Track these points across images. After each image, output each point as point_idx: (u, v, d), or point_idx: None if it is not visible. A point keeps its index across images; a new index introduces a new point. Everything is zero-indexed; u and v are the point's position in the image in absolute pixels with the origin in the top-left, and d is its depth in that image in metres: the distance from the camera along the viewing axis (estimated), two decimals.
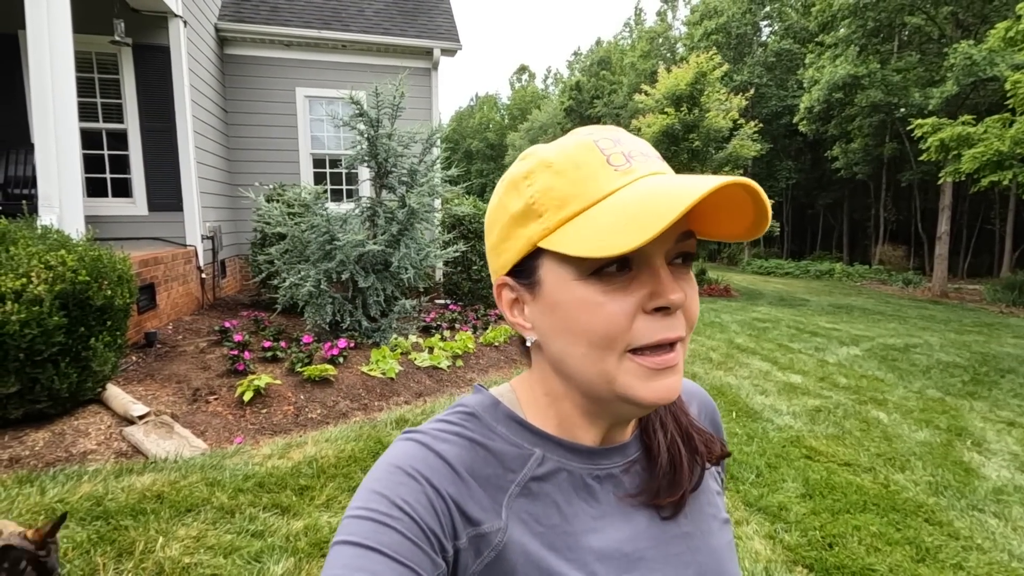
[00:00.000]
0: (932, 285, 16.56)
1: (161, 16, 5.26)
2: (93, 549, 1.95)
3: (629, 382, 0.46)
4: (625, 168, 0.45)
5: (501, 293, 0.53)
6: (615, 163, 0.46)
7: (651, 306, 0.45)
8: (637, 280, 0.45)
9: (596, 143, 0.47)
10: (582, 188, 0.45)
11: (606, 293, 0.45)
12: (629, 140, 0.48)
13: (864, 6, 17.34)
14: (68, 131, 3.56)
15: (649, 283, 0.45)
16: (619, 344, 0.45)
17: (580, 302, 0.45)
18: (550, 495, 0.50)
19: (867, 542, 2.44)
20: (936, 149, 8.96)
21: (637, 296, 0.45)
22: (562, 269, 0.46)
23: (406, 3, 8.61)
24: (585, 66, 46.01)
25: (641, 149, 0.48)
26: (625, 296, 0.45)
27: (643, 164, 0.46)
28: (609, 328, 0.45)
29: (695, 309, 0.48)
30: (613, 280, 0.45)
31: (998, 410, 4.60)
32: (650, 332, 0.45)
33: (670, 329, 0.45)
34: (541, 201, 0.46)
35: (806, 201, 29.35)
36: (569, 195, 0.45)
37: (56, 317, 2.66)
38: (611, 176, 0.45)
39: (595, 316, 0.45)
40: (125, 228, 5.48)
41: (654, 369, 0.45)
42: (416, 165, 5.03)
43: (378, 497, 0.44)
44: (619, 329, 0.45)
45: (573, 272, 0.46)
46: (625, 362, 0.46)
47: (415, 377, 4.19)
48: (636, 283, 0.45)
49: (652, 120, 12.67)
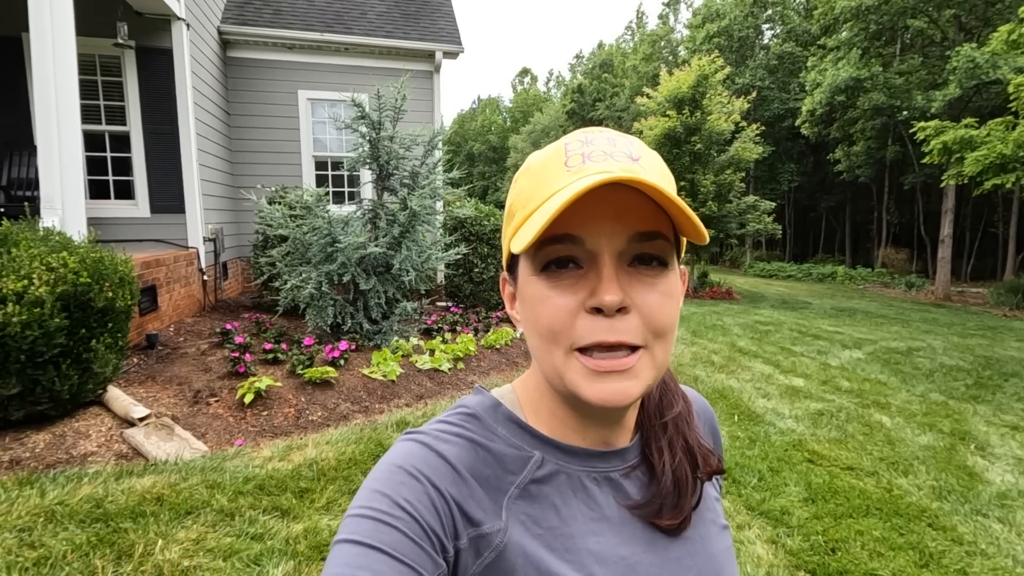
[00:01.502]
0: (935, 288, 16.52)
1: (164, 19, 5.28)
2: (92, 551, 1.95)
3: (575, 379, 0.46)
4: (577, 168, 0.45)
5: (504, 289, 0.56)
6: (571, 164, 0.46)
7: (589, 305, 0.44)
8: (585, 279, 0.45)
9: (566, 146, 0.48)
10: (539, 189, 0.47)
11: (552, 288, 0.46)
12: (603, 141, 0.47)
13: (866, 9, 17.34)
14: (71, 133, 3.57)
15: (593, 282, 0.45)
16: (562, 340, 0.45)
17: (533, 296, 0.48)
18: (549, 497, 0.50)
19: (870, 547, 2.43)
20: (939, 152, 8.94)
21: (580, 295, 0.45)
22: (526, 265, 0.49)
23: (408, 6, 8.63)
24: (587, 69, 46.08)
25: (606, 149, 0.46)
26: (568, 293, 0.45)
27: (595, 164, 0.45)
28: (551, 323, 0.46)
29: (661, 315, 0.46)
30: (560, 276, 0.46)
31: (1002, 414, 4.57)
32: (588, 333, 0.44)
33: (610, 332, 0.44)
34: (515, 203, 0.50)
35: (808, 204, 29.32)
36: (530, 196, 0.48)
37: (57, 319, 2.66)
38: (562, 176, 0.46)
39: (540, 309, 0.47)
40: (127, 230, 5.49)
41: (599, 372, 0.45)
42: (418, 167, 5.04)
43: (380, 496, 0.44)
44: (560, 325, 0.45)
45: (530, 268, 0.48)
46: (571, 360, 0.46)
47: (416, 379, 4.19)
48: (583, 281, 0.45)
49: (654, 123, 12.68)
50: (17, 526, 2.04)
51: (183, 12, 5.35)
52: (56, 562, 1.87)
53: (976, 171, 8.16)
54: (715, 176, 12.49)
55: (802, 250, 30.18)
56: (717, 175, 12.59)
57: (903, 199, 24.25)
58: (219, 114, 6.92)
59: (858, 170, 22.23)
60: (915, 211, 23.16)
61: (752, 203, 12.99)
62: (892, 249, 23.76)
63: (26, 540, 1.97)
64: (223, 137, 7.07)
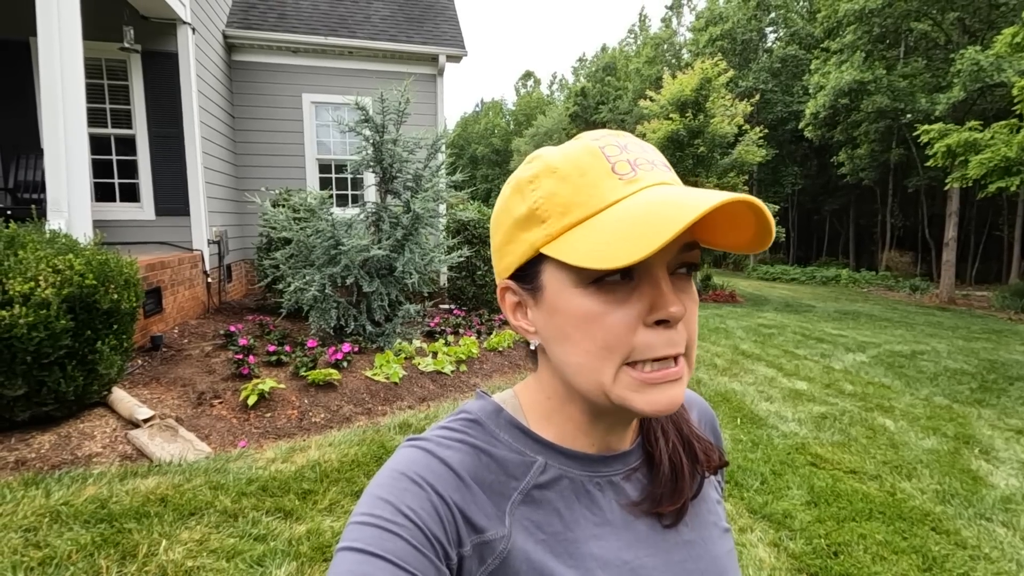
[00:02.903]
0: (939, 291, 16.45)
1: (170, 23, 5.32)
2: (97, 552, 1.96)
3: (624, 394, 0.45)
4: (630, 177, 0.45)
5: (504, 296, 0.53)
6: (620, 171, 0.45)
7: (652, 319, 0.44)
8: (638, 291, 0.44)
9: (602, 149, 0.46)
10: (586, 196, 0.45)
11: (606, 303, 0.44)
12: (636, 146, 0.48)
13: (870, 12, 17.33)
14: (77, 136, 3.60)
15: (650, 295, 0.44)
16: (617, 356, 0.44)
17: (580, 311, 0.45)
18: (552, 502, 0.50)
19: (873, 550, 2.42)
20: (943, 155, 8.92)
21: (637, 308, 0.44)
22: (563, 276, 0.46)
23: (412, 10, 8.67)
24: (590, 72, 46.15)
25: (648, 157, 0.47)
26: (625, 307, 0.44)
27: (648, 173, 0.45)
28: (608, 339, 0.44)
29: (694, 321, 0.47)
30: (614, 290, 0.44)
31: (1007, 418, 4.55)
32: (651, 347, 0.44)
33: (671, 344, 0.45)
34: (544, 207, 0.46)
35: (812, 207, 29.25)
36: (572, 202, 0.45)
37: (63, 320, 2.68)
38: (615, 185, 0.44)
39: (594, 327, 0.44)
40: (132, 232, 5.52)
41: (650, 384, 0.45)
42: (421, 170, 5.05)
43: (383, 503, 0.44)
44: (618, 341, 0.44)
45: (574, 279, 0.45)
46: (622, 375, 0.45)
47: (419, 382, 4.20)
48: (637, 294, 0.44)
49: (657, 126, 12.68)
50: (22, 526, 2.05)
51: (188, 16, 5.40)
52: (61, 562, 1.88)
53: (980, 174, 8.15)
54: (718, 179, 12.49)
55: (806, 253, 30.11)
56: (720, 178, 12.58)
57: (907, 202, 24.18)
58: (224, 117, 6.96)
59: (862, 173, 22.18)
60: (919, 214, 23.09)
61: None
62: (896, 252, 23.69)
63: (31, 540, 1.99)
64: (227, 140, 7.12)
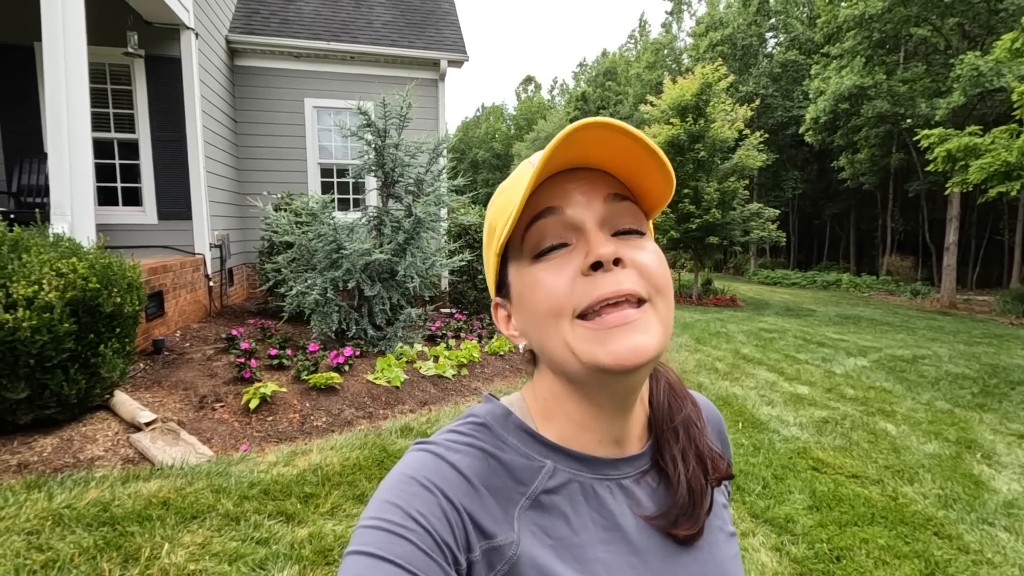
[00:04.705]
0: (941, 296, 16.44)
1: (173, 28, 5.35)
2: (99, 555, 1.96)
3: (587, 348, 0.45)
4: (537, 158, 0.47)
5: (497, 313, 0.57)
6: (534, 160, 0.48)
7: (585, 265, 0.46)
8: (575, 251, 0.48)
9: (531, 157, 0.50)
10: (514, 195, 0.49)
11: (546, 268, 0.48)
12: None
13: (870, 18, 17.38)
14: (81, 141, 3.62)
15: (583, 249, 0.47)
16: (565, 311, 0.46)
17: (530, 284, 0.49)
18: (559, 507, 0.50)
19: (875, 555, 2.42)
20: (943, 160, 8.93)
21: (574, 264, 0.47)
22: (519, 264, 0.51)
23: (413, 15, 8.71)
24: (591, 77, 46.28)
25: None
26: (564, 267, 0.47)
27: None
28: (551, 298, 0.47)
29: (654, 267, 0.48)
30: (553, 257, 0.48)
31: (1008, 422, 4.55)
32: (589, 291, 0.46)
33: (611, 284, 0.45)
34: (492, 220, 0.53)
35: (812, 211, 29.27)
36: (508, 202, 0.50)
37: (66, 324, 2.69)
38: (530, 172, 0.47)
39: (540, 291, 0.48)
40: (135, 236, 5.54)
41: (607, 329, 0.45)
42: (422, 175, 5.07)
43: (392, 508, 0.44)
44: (559, 296, 0.47)
45: (524, 262, 0.50)
46: (579, 330, 0.46)
47: (420, 386, 4.20)
48: (574, 254, 0.48)
49: (658, 130, 12.72)
50: (25, 529, 2.06)
51: (192, 22, 5.43)
52: (63, 565, 1.89)
53: (980, 179, 8.15)
54: (719, 183, 12.50)
55: (807, 257, 30.11)
56: (721, 182, 12.60)
57: (908, 206, 24.19)
58: (226, 122, 6.99)
59: (862, 177, 22.20)
60: (920, 218, 23.09)
61: (756, 210, 12.98)
62: (897, 257, 23.67)
63: (34, 543, 1.99)
64: (230, 144, 7.14)
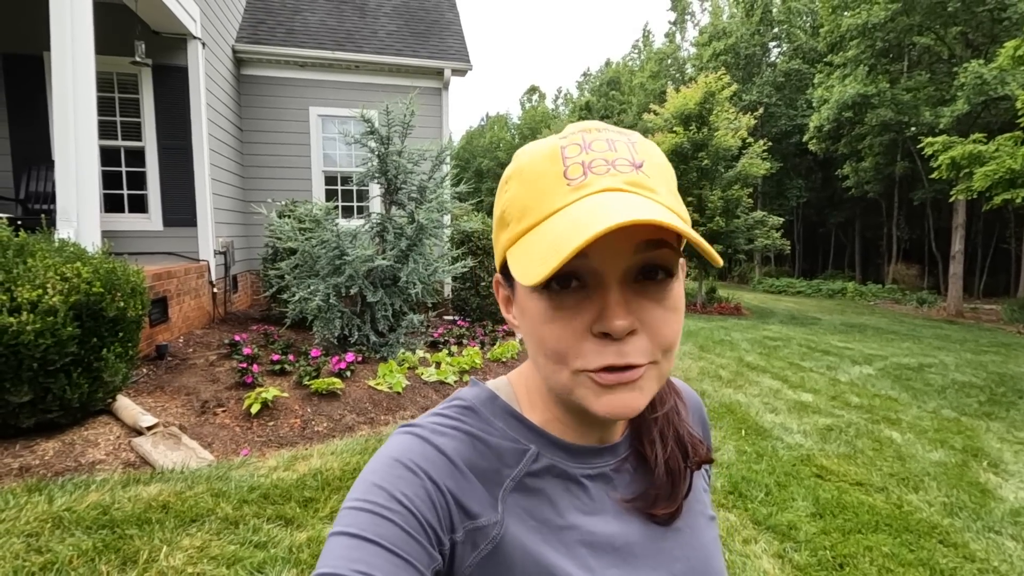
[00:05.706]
0: (947, 305, 16.32)
1: (180, 38, 5.42)
2: (98, 557, 1.96)
3: (584, 395, 0.45)
4: (578, 183, 0.43)
5: (498, 289, 0.55)
6: (571, 176, 0.44)
7: (596, 330, 0.43)
8: (590, 299, 0.44)
9: (563, 150, 0.45)
10: (537, 202, 0.45)
11: (556, 309, 0.44)
12: (602, 143, 0.46)
13: (873, 27, 17.41)
14: (88, 149, 3.66)
15: (599, 304, 0.43)
16: (570, 363, 0.44)
17: (536, 313, 0.46)
18: (543, 490, 0.50)
19: (879, 563, 2.39)
20: (947, 167, 8.93)
21: (586, 317, 0.43)
22: None
23: (418, 25, 8.80)
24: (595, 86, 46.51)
25: (607, 156, 0.45)
26: (573, 316, 0.44)
27: (599, 178, 0.43)
28: (557, 346, 0.44)
29: (668, 331, 0.45)
30: (563, 297, 0.44)
31: (1016, 431, 4.50)
32: (597, 357, 0.43)
33: (619, 356, 0.43)
34: (508, 211, 0.47)
35: (817, 220, 29.20)
36: (528, 207, 0.45)
37: (70, 328, 2.70)
38: (563, 192, 0.43)
39: (545, 331, 0.45)
40: (140, 243, 5.58)
41: (607, 385, 0.44)
42: (425, 182, 5.10)
43: (377, 489, 0.44)
44: (566, 348, 0.44)
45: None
46: (580, 378, 0.45)
47: (422, 392, 4.20)
48: (588, 302, 0.44)
49: (661, 139, 12.75)
50: (25, 531, 2.06)
51: (199, 32, 5.50)
52: (62, 567, 1.89)
53: (985, 186, 8.14)
54: (722, 192, 12.50)
55: (811, 266, 29.99)
56: (725, 191, 12.60)
57: (913, 215, 24.10)
58: (232, 130, 7.06)
59: (867, 186, 22.16)
60: (925, 227, 22.99)
61: (760, 218, 12.97)
62: (903, 265, 23.55)
63: (33, 545, 1.99)
64: (235, 152, 7.21)
